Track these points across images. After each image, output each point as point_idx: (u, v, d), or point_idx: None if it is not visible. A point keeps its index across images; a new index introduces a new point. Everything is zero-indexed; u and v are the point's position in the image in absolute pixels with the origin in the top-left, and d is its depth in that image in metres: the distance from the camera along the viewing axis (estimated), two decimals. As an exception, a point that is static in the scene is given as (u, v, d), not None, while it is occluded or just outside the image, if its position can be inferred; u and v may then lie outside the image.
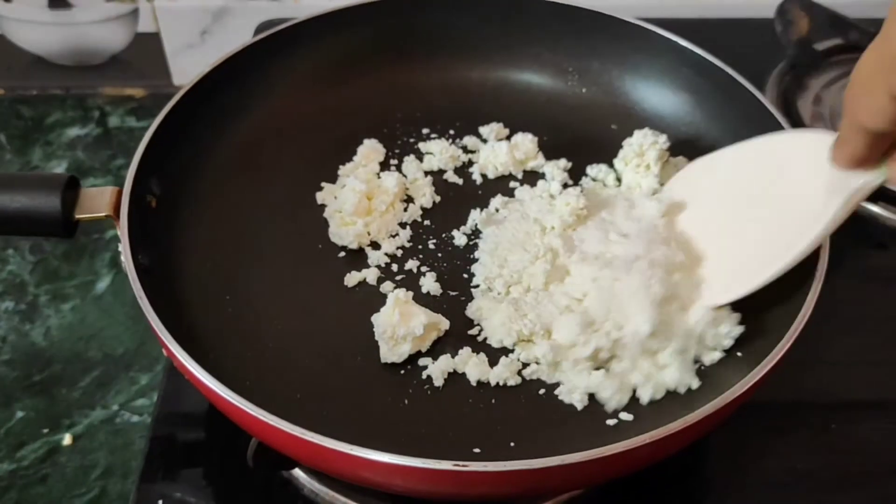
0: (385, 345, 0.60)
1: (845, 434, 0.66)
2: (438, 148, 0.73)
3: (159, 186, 0.64)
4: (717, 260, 0.61)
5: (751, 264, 0.58)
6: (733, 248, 0.60)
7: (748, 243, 0.60)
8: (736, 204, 0.62)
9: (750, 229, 0.60)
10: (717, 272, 0.60)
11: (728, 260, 0.60)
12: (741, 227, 0.60)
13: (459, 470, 0.47)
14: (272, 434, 0.49)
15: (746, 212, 0.61)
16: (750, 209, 0.61)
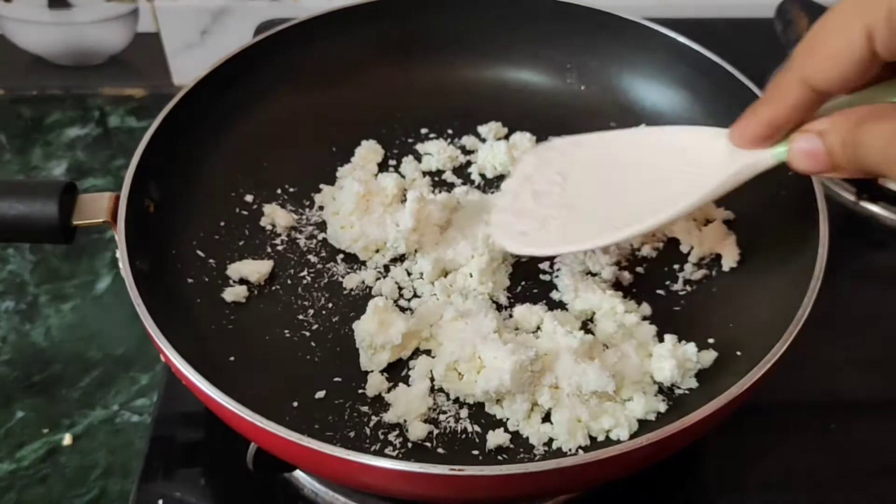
0: (364, 353, 0.60)
1: (845, 434, 0.66)
2: (437, 148, 0.73)
3: (157, 191, 0.64)
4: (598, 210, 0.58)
5: (632, 216, 0.56)
6: (616, 204, 0.57)
7: (632, 201, 0.57)
8: (618, 173, 0.59)
9: (633, 191, 0.57)
10: (597, 220, 0.57)
11: (610, 212, 0.57)
12: (625, 189, 0.58)
13: (456, 475, 0.47)
14: (270, 440, 0.49)
15: (630, 178, 0.58)
16: (634, 176, 0.58)
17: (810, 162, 0.46)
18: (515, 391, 0.56)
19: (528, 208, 0.59)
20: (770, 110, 0.48)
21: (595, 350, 0.59)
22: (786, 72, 0.46)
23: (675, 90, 0.74)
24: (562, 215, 0.58)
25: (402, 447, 0.56)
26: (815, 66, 0.44)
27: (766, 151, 0.50)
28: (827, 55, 0.43)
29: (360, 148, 0.73)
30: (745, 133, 0.50)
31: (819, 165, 0.46)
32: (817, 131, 0.45)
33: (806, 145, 0.46)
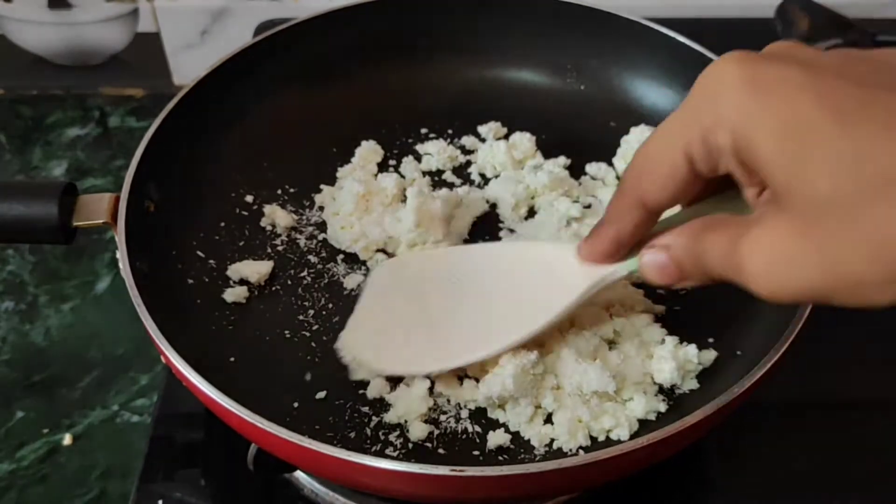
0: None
1: (845, 434, 0.66)
2: (436, 148, 0.73)
3: (157, 191, 0.64)
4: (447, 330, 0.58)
5: (493, 334, 0.56)
6: (476, 321, 0.57)
7: (492, 317, 0.57)
8: (477, 288, 0.59)
9: (494, 307, 0.57)
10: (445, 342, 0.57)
11: (471, 330, 0.57)
12: (485, 305, 0.58)
13: (457, 475, 0.47)
14: (270, 441, 0.49)
15: (490, 293, 0.58)
16: (494, 291, 0.58)
17: (660, 274, 0.48)
18: (518, 395, 0.56)
19: (385, 327, 0.59)
20: (611, 231, 0.50)
21: (600, 351, 0.59)
22: (621, 194, 0.48)
23: (676, 90, 0.74)
24: (422, 333, 0.58)
25: (403, 447, 0.56)
26: (645, 189, 0.47)
27: (618, 265, 0.52)
28: (655, 178, 0.46)
29: (360, 148, 0.73)
30: (592, 252, 0.53)
31: (670, 277, 0.48)
32: (662, 245, 0.48)
33: (654, 259, 0.48)
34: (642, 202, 0.47)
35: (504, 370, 0.55)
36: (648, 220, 0.49)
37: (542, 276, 0.56)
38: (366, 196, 0.67)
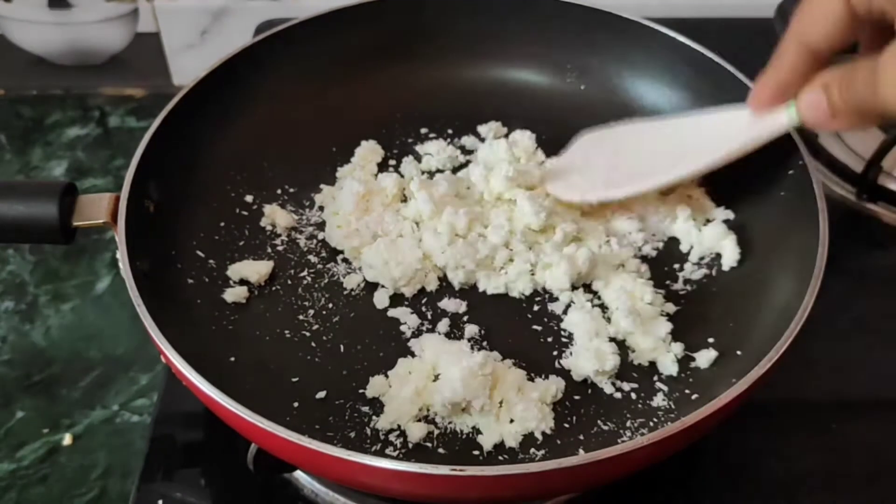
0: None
1: (845, 434, 0.66)
2: (437, 148, 0.73)
3: (157, 191, 0.64)
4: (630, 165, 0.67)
5: (669, 167, 0.64)
6: (654, 161, 0.66)
7: (669, 158, 0.65)
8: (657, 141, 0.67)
9: (670, 152, 0.65)
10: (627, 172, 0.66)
11: (650, 167, 0.66)
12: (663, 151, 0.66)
13: (457, 475, 0.47)
14: (270, 440, 0.49)
15: (668, 144, 0.66)
16: (671, 142, 0.66)
17: (817, 113, 0.52)
18: (470, 398, 0.56)
19: (578, 167, 0.68)
20: (775, 73, 0.55)
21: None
22: (785, 37, 0.53)
23: (676, 90, 0.74)
24: (606, 173, 0.67)
25: (403, 447, 0.56)
26: (805, 28, 0.51)
27: (781, 111, 0.57)
28: (814, 16, 0.50)
29: (360, 148, 0.73)
30: (761, 96, 0.57)
31: (824, 116, 0.51)
32: (820, 84, 0.51)
33: (811, 99, 0.52)
34: (803, 41, 0.51)
35: (452, 375, 0.56)
36: (809, 62, 0.52)
37: (716, 129, 0.63)
38: (366, 196, 0.67)
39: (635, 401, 0.58)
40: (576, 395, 0.58)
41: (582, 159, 0.69)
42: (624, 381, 0.59)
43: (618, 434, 0.56)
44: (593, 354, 0.58)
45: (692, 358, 0.60)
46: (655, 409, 0.57)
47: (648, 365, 0.60)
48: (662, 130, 0.67)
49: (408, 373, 0.58)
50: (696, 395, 0.58)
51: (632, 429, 0.56)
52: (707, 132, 0.64)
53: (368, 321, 0.62)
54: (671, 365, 0.59)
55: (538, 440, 0.56)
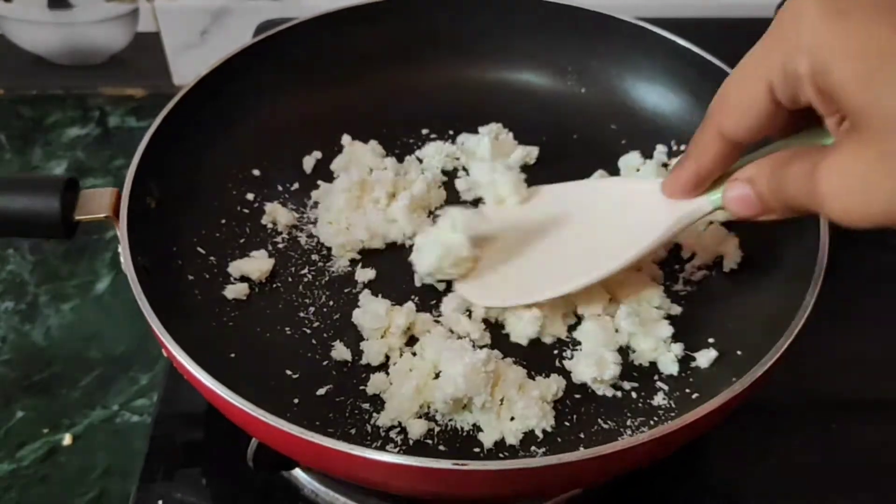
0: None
1: (845, 434, 0.66)
2: (437, 148, 0.73)
3: (159, 188, 0.64)
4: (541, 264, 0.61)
5: (581, 268, 0.59)
6: (565, 258, 0.61)
7: (581, 254, 0.60)
8: (567, 228, 0.62)
9: (583, 244, 0.61)
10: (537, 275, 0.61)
11: (560, 265, 0.61)
12: (574, 243, 0.61)
13: (459, 469, 0.47)
14: (272, 434, 0.49)
15: (579, 232, 0.61)
16: (581, 229, 0.61)
17: (744, 206, 0.49)
18: (472, 394, 0.56)
19: (490, 264, 0.62)
20: (694, 164, 0.51)
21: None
22: (703, 127, 0.50)
23: (676, 92, 0.74)
24: (516, 269, 0.61)
25: (404, 444, 0.56)
26: (726, 120, 0.47)
27: (703, 199, 0.53)
28: (736, 109, 0.47)
29: (361, 148, 0.73)
30: (675, 185, 0.54)
31: (752, 209, 0.49)
32: (745, 178, 0.49)
33: (737, 193, 0.49)
34: (723, 134, 0.48)
35: (455, 371, 0.56)
36: (730, 153, 0.49)
37: (630, 212, 0.58)
38: (359, 194, 0.67)
39: (636, 400, 0.58)
40: (576, 393, 0.58)
41: (492, 257, 0.63)
42: (624, 380, 0.59)
43: (618, 433, 0.56)
44: (594, 362, 0.58)
45: (693, 358, 0.60)
46: (656, 408, 0.57)
47: (649, 365, 0.60)
48: (574, 222, 0.62)
49: (408, 370, 0.58)
50: (697, 394, 0.58)
51: (632, 427, 0.56)
52: (621, 217, 0.59)
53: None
54: (671, 365, 0.59)
55: (539, 438, 0.56)
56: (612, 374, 0.58)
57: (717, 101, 0.48)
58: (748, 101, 0.45)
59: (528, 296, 0.60)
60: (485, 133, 0.74)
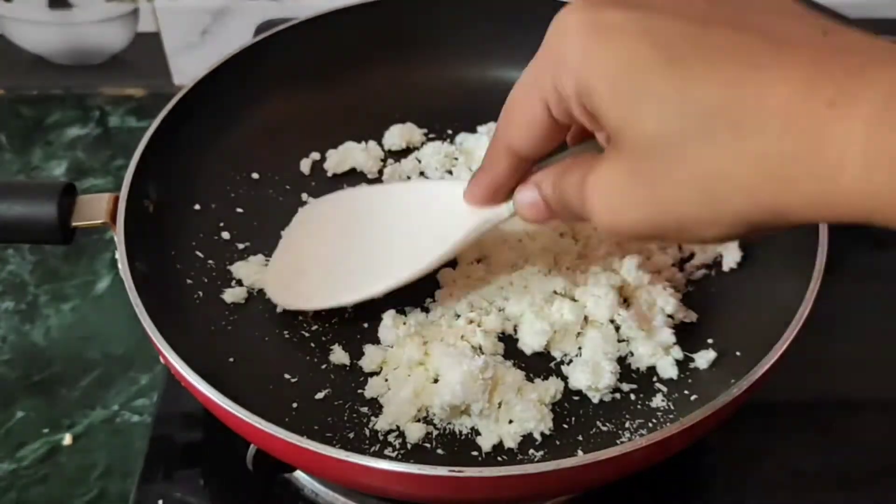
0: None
1: (845, 434, 0.66)
2: (435, 148, 0.73)
3: (157, 191, 0.64)
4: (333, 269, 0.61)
5: (386, 269, 0.59)
6: (370, 258, 0.60)
7: (387, 254, 0.60)
8: (374, 227, 0.62)
9: (388, 245, 0.60)
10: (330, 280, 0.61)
11: (365, 266, 0.60)
12: (380, 242, 0.61)
13: (455, 476, 0.47)
14: (269, 441, 0.49)
15: (386, 232, 0.61)
16: (389, 230, 0.61)
17: (533, 211, 0.50)
18: (469, 401, 0.56)
19: (294, 263, 0.63)
20: (488, 176, 0.52)
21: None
22: (493, 141, 0.50)
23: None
24: (325, 269, 0.61)
25: (402, 448, 0.56)
26: (512, 136, 0.47)
27: (502, 206, 0.54)
28: (519, 125, 0.47)
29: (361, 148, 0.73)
30: (474, 196, 0.54)
31: (540, 214, 0.50)
32: (533, 183, 0.50)
33: (525, 197, 0.50)
34: (511, 149, 0.48)
35: (452, 378, 0.56)
36: (520, 166, 0.49)
37: (437, 214, 0.58)
38: None
39: (634, 402, 0.58)
40: (575, 395, 0.58)
41: (297, 257, 0.63)
42: (623, 382, 0.59)
43: (617, 435, 0.56)
44: (591, 370, 0.58)
45: (691, 359, 0.60)
46: (654, 409, 0.57)
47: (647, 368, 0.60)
48: (377, 207, 0.62)
49: (407, 375, 0.58)
50: (696, 395, 0.58)
51: (631, 430, 0.56)
52: (427, 217, 0.59)
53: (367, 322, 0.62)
54: (671, 368, 0.59)
55: (537, 441, 0.56)
56: (608, 384, 0.57)
57: (503, 117, 0.48)
58: (530, 118, 0.45)
59: (329, 298, 0.60)
60: (484, 132, 0.74)
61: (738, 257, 0.64)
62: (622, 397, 0.58)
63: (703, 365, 0.59)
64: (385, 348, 0.60)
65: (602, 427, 0.57)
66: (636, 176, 0.40)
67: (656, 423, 0.57)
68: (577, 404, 0.58)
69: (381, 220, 0.61)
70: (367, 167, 0.72)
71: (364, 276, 0.59)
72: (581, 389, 0.58)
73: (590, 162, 0.43)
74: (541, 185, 0.49)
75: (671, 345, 0.60)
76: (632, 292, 0.62)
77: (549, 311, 0.61)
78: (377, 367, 0.59)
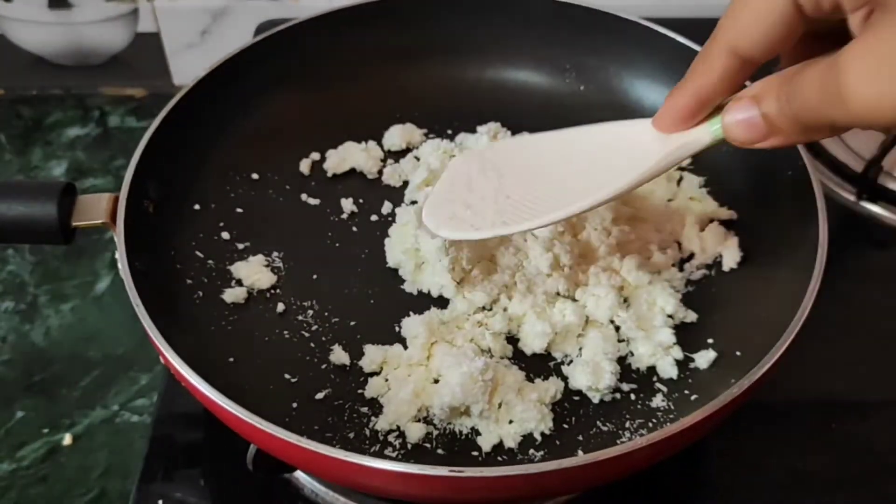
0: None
1: (845, 434, 0.66)
2: (434, 146, 0.73)
3: (157, 191, 0.64)
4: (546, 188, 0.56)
5: (566, 200, 0.54)
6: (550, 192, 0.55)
7: (566, 188, 0.55)
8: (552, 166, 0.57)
9: (568, 180, 0.55)
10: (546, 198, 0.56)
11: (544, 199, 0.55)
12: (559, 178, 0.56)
13: (455, 476, 0.47)
14: (269, 441, 0.49)
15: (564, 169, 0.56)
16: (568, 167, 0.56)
17: (747, 131, 0.45)
18: (469, 402, 0.56)
19: (461, 197, 0.58)
20: (696, 84, 0.46)
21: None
22: (711, 42, 0.45)
23: (675, 90, 0.74)
24: (496, 202, 0.56)
25: (402, 448, 0.56)
26: (739, 31, 0.43)
27: (700, 129, 0.49)
28: (751, 17, 0.42)
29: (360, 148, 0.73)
30: (670, 115, 0.49)
31: (757, 132, 0.44)
32: (751, 96, 0.44)
33: (741, 114, 0.44)
34: (735, 47, 0.43)
35: (452, 379, 0.55)
36: (738, 71, 0.45)
37: (621, 150, 0.53)
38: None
39: (634, 402, 0.58)
40: (575, 395, 0.58)
41: (464, 187, 0.58)
42: (623, 382, 0.59)
43: (617, 435, 0.56)
44: (591, 370, 0.58)
45: (691, 359, 0.60)
46: (655, 409, 0.57)
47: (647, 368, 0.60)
48: (554, 148, 0.57)
49: (407, 375, 0.58)
50: (696, 395, 0.58)
51: (631, 429, 0.56)
52: (609, 152, 0.54)
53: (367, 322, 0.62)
54: (671, 368, 0.59)
55: (537, 441, 0.56)
56: (608, 384, 0.57)
57: (729, 14, 0.43)
58: (770, 7, 0.41)
59: (500, 227, 0.55)
60: (483, 132, 0.74)
61: (738, 257, 0.64)
62: (622, 397, 0.58)
63: (703, 365, 0.59)
64: (385, 348, 0.60)
65: (602, 427, 0.57)
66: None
67: (656, 423, 0.57)
68: (577, 404, 0.58)
69: (558, 160, 0.56)
70: (367, 167, 0.72)
71: (539, 206, 0.55)
72: (581, 389, 0.58)
73: (835, 54, 0.39)
74: (760, 97, 0.43)
75: (671, 345, 0.60)
76: (632, 292, 0.62)
77: (550, 313, 0.61)
78: (377, 367, 0.59)
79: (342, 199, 0.70)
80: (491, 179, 0.57)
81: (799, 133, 0.42)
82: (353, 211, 0.69)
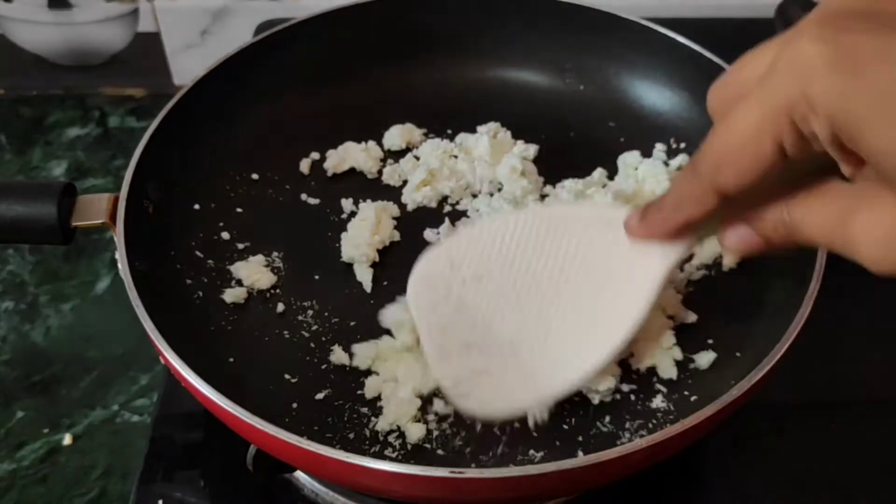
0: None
1: (845, 434, 0.66)
2: (434, 146, 0.73)
3: (157, 192, 0.64)
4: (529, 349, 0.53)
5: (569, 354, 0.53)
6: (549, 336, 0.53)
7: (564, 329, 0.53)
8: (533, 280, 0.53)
9: (562, 313, 0.53)
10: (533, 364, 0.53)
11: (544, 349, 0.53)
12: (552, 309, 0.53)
13: (456, 477, 0.47)
14: (269, 442, 0.49)
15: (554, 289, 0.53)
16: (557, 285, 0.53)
17: (745, 247, 0.47)
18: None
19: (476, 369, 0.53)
20: (681, 216, 0.48)
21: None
22: (696, 182, 0.46)
23: (675, 90, 0.74)
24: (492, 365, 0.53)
25: (402, 448, 0.56)
26: (726, 178, 0.44)
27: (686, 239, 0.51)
28: (739, 168, 0.43)
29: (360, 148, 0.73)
30: (655, 233, 0.51)
31: (755, 248, 0.47)
32: (746, 222, 0.47)
33: (739, 236, 0.47)
34: (721, 190, 0.44)
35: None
36: (722, 204, 0.46)
37: (602, 258, 0.52)
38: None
39: (634, 402, 0.58)
40: (575, 396, 0.58)
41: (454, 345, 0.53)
42: (623, 382, 0.59)
43: (616, 435, 0.56)
44: None
45: (691, 359, 0.60)
46: (654, 410, 0.57)
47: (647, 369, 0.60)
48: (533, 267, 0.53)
49: (397, 363, 0.58)
50: (696, 396, 0.58)
51: (631, 430, 0.56)
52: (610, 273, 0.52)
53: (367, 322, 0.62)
54: (671, 369, 0.59)
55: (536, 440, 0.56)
56: (608, 387, 0.57)
57: (712, 159, 0.44)
58: (754, 161, 0.42)
59: (545, 391, 0.52)
60: (483, 132, 0.74)
61: (737, 258, 0.64)
62: (622, 398, 0.58)
63: (703, 365, 0.59)
64: (374, 343, 0.60)
65: (602, 428, 0.57)
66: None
67: (656, 424, 0.57)
68: (577, 405, 0.58)
69: (538, 273, 0.53)
70: (367, 167, 0.72)
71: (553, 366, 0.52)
72: (581, 390, 0.58)
73: (845, 196, 0.41)
74: (758, 223, 0.46)
75: (671, 345, 0.60)
76: None
77: None
78: (370, 361, 0.59)
79: (342, 198, 0.70)
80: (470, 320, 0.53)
81: (795, 249, 0.45)
82: (353, 211, 0.69)
